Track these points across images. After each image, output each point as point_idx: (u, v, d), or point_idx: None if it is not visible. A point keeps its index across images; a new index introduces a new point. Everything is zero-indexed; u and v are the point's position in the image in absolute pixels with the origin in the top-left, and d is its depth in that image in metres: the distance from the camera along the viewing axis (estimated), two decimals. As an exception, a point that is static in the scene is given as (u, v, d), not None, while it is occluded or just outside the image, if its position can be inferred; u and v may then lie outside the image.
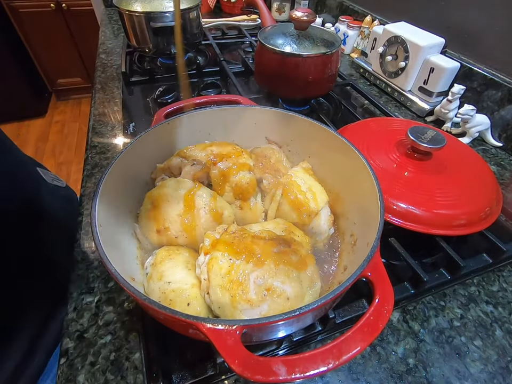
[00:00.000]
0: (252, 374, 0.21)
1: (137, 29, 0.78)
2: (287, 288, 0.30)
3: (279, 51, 0.63)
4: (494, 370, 0.36)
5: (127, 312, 0.39)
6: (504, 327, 0.40)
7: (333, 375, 0.35)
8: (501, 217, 0.50)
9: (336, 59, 0.67)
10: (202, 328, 0.23)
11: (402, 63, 0.76)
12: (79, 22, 2.15)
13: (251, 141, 0.51)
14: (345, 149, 0.41)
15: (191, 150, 0.45)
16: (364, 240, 0.34)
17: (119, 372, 0.34)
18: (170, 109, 0.48)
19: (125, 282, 0.26)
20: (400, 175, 0.47)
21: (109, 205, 0.34)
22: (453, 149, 0.52)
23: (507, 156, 0.67)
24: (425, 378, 0.35)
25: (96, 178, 0.56)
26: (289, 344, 0.37)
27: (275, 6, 1.24)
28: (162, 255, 0.36)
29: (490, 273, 0.46)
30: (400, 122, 0.59)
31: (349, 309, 0.40)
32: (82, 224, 0.49)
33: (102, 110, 0.74)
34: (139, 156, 0.41)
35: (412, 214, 0.43)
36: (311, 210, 0.40)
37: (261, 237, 0.35)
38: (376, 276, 0.28)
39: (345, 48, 1.04)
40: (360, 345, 0.24)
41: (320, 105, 0.80)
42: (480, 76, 0.69)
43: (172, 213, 0.38)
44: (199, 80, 0.85)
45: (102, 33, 1.12)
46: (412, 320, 0.40)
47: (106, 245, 0.29)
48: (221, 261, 0.32)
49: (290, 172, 0.45)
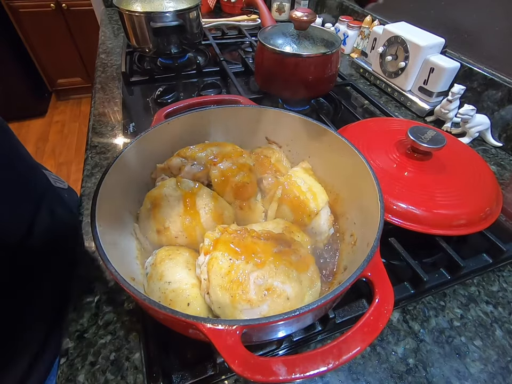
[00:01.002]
0: (252, 374, 0.21)
1: (137, 29, 0.78)
2: (287, 288, 0.30)
3: (279, 51, 0.63)
4: (494, 370, 0.36)
5: (127, 312, 0.39)
6: (504, 327, 0.40)
7: (333, 375, 0.35)
8: (501, 217, 0.51)
9: (336, 59, 0.67)
10: (202, 328, 0.23)
11: (402, 63, 0.76)
12: (79, 22, 2.15)
13: (251, 141, 0.51)
14: (345, 149, 0.41)
15: (191, 150, 0.45)
16: (364, 240, 0.34)
17: (119, 371, 0.34)
18: (170, 109, 0.48)
19: (125, 282, 0.26)
20: (400, 175, 0.47)
21: (109, 205, 0.34)
22: (453, 149, 0.52)
23: (507, 155, 0.67)
24: (425, 378, 0.35)
25: (96, 179, 0.56)
26: (289, 344, 0.37)
27: (275, 6, 1.24)
28: (162, 255, 0.36)
29: (490, 273, 0.46)
30: (400, 122, 0.59)
31: (349, 309, 0.40)
32: (82, 224, 0.49)
33: (102, 110, 0.74)
34: (139, 156, 0.41)
35: (412, 214, 0.43)
36: (311, 210, 0.40)
37: (261, 236, 0.35)
38: (376, 276, 0.28)
39: (345, 48, 1.04)
40: (360, 345, 0.24)
41: (320, 105, 0.80)
42: (480, 75, 0.69)
43: (171, 213, 0.38)
44: (199, 80, 0.85)
45: (102, 33, 1.12)
46: (412, 320, 0.40)
47: (106, 245, 0.29)
48: (221, 261, 0.32)
49: (290, 172, 0.45)
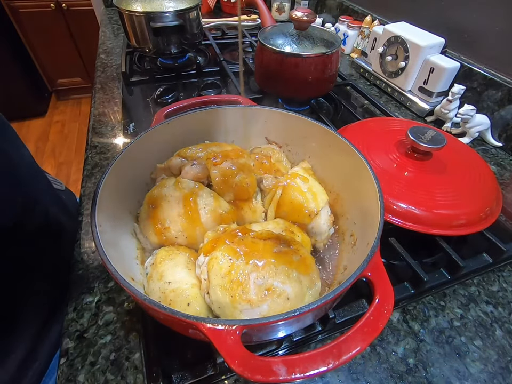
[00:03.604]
0: (252, 374, 0.21)
1: (137, 29, 0.78)
2: (287, 288, 0.30)
3: (279, 51, 0.63)
4: (494, 370, 0.36)
5: (127, 312, 0.39)
6: (504, 327, 0.40)
7: (333, 375, 0.35)
8: (501, 217, 0.50)
9: (336, 59, 0.67)
10: (202, 328, 0.23)
11: (402, 63, 0.76)
12: (79, 22, 2.14)
13: (251, 141, 0.51)
14: (345, 149, 0.41)
15: (191, 150, 0.45)
16: (364, 240, 0.34)
17: (119, 372, 0.34)
18: (170, 109, 0.48)
19: (125, 282, 0.26)
20: (400, 175, 0.47)
21: (109, 205, 0.34)
22: (453, 149, 0.52)
23: (507, 156, 0.67)
24: (425, 378, 0.35)
25: (96, 178, 0.56)
26: (289, 344, 0.37)
27: (275, 6, 1.24)
28: (162, 255, 0.36)
29: (490, 273, 0.46)
30: (400, 122, 0.59)
31: (349, 309, 0.40)
32: (82, 224, 0.49)
33: (102, 110, 0.74)
34: (139, 156, 0.41)
35: (412, 214, 0.43)
36: (311, 210, 0.40)
37: (261, 237, 0.35)
38: (376, 276, 0.28)
39: (345, 48, 1.04)
40: (360, 345, 0.24)
41: (320, 105, 0.80)
42: (480, 76, 0.69)
43: (171, 213, 0.38)
44: (199, 80, 0.85)
45: (102, 33, 1.12)
46: (412, 320, 0.40)
47: (106, 245, 0.29)
48: (221, 261, 0.32)
49: (290, 172, 0.45)
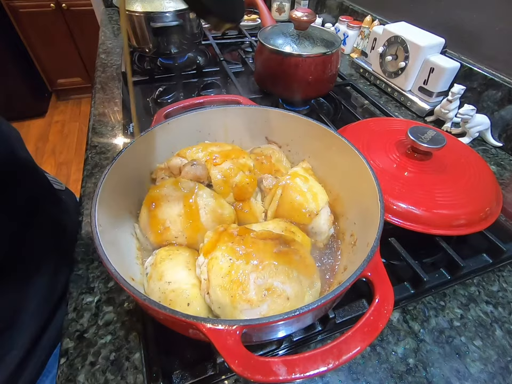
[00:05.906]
0: (252, 374, 0.21)
1: (137, 29, 0.78)
2: (287, 288, 0.30)
3: (279, 51, 0.63)
4: (494, 370, 0.36)
5: (127, 312, 0.39)
6: (504, 327, 0.40)
7: (333, 375, 0.35)
8: (501, 217, 0.50)
9: (336, 59, 0.67)
10: (202, 328, 0.23)
11: (402, 63, 0.76)
12: (79, 22, 2.14)
13: (251, 141, 0.51)
14: (345, 149, 0.41)
15: (191, 150, 0.45)
16: (364, 240, 0.34)
17: (119, 371, 0.34)
18: (170, 109, 0.49)
19: (125, 282, 0.26)
20: (400, 175, 0.47)
21: (109, 205, 0.34)
22: (453, 149, 0.52)
23: (507, 156, 0.67)
24: (425, 378, 0.35)
25: (96, 178, 0.56)
26: (289, 344, 0.37)
27: (275, 6, 1.24)
28: (162, 255, 0.36)
29: (490, 273, 0.46)
30: (400, 122, 0.59)
31: (349, 309, 0.40)
32: (82, 224, 0.49)
33: (102, 110, 0.74)
34: (139, 156, 0.41)
35: (412, 214, 0.43)
36: (311, 210, 0.40)
37: (261, 237, 0.35)
38: (376, 276, 0.28)
39: (345, 48, 1.04)
40: (360, 345, 0.24)
41: (320, 105, 0.80)
42: (480, 76, 0.69)
43: (172, 213, 0.38)
44: (199, 80, 0.85)
45: (102, 33, 1.12)
46: (411, 320, 0.40)
47: (106, 245, 0.29)
48: (221, 261, 0.32)
49: (290, 172, 0.45)
